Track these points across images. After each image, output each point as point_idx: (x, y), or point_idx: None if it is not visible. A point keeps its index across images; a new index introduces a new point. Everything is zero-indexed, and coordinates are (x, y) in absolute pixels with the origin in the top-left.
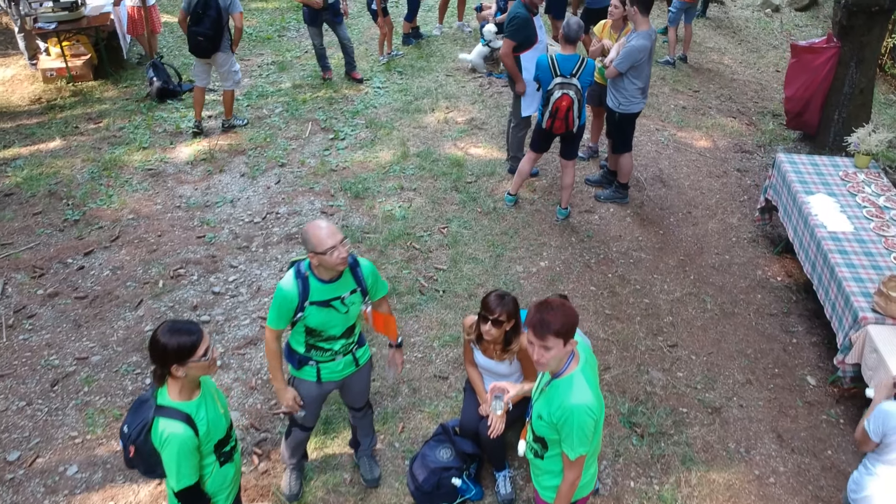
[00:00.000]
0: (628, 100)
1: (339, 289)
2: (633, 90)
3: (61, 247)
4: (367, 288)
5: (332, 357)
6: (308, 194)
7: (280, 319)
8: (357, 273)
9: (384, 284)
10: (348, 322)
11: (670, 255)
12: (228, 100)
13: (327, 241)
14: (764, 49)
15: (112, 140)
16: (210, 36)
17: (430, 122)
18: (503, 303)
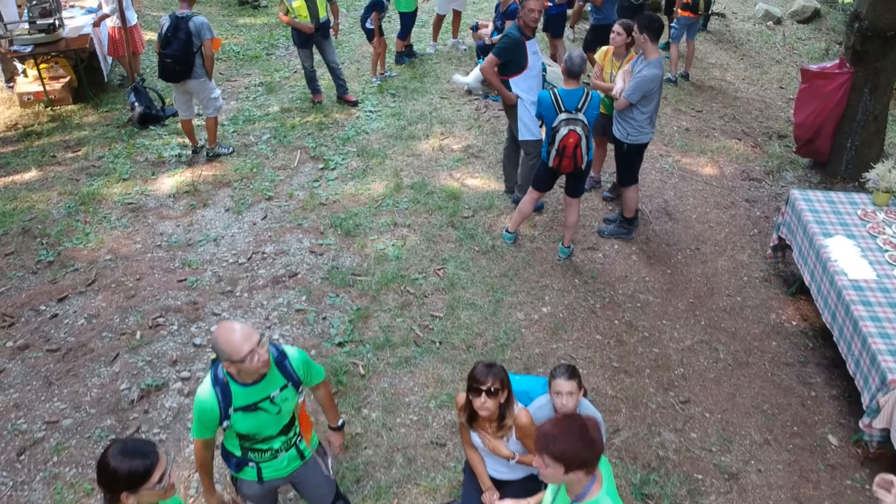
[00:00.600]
0: (637, 130)
1: (265, 389)
2: (642, 120)
3: (34, 292)
4: (299, 379)
5: (272, 456)
6: (296, 231)
7: (204, 430)
8: (286, 367)
9: (319, 370)
10: (283, 420)
11: (679, 297)
12: (211, 127)
13: (243, 346)
14: (767, 64)
15: (91, 170)
16: (177, 58)
17: (424, 150)
18: (493, 371)
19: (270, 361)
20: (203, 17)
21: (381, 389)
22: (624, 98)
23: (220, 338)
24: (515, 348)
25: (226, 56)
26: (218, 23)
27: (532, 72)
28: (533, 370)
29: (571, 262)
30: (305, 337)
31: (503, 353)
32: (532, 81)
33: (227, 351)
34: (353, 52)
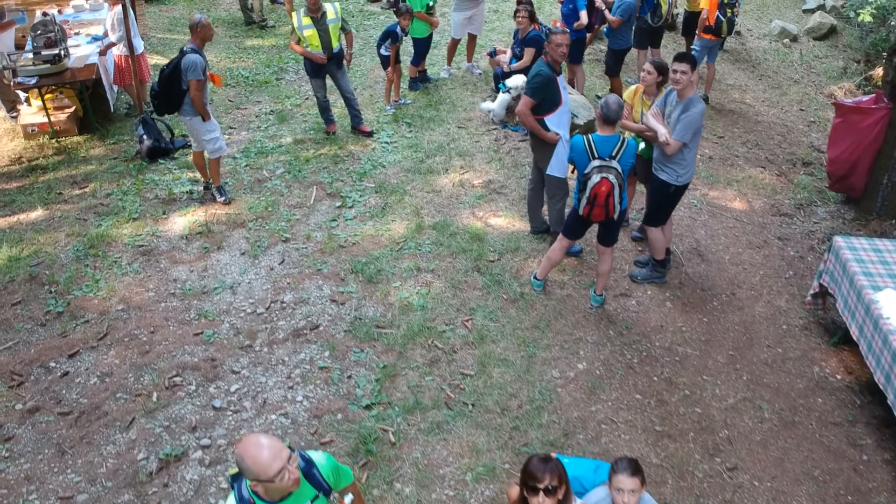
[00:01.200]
0: (686, 169)
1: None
2: (691, 158)
3: (43, 346)
4: (329, 487)
5: None
6: (315, 277)
7: None
8: (315, 476)
9: (347, 471)
10: None
11: (718, 349)
12: (212, 166)
13: (272, 465)
14: (785, 84)
15: (99, 209)
16: (157, 92)
17: (444, 185)
18: (549, 466)
19: (300, 477)
20: (196, 56)
21: (413, 460)
22: (677, 140)
23: (246, 455)
24: (552, 411)
25: (234, 81)
26: (225, 45)
27: (565, 107)
28: (572, 436)
29: (604, 311)
30: (330, 398)
31: (540, 417)
32: (565, 117)
33: (254, 470)
34: (364, 77)
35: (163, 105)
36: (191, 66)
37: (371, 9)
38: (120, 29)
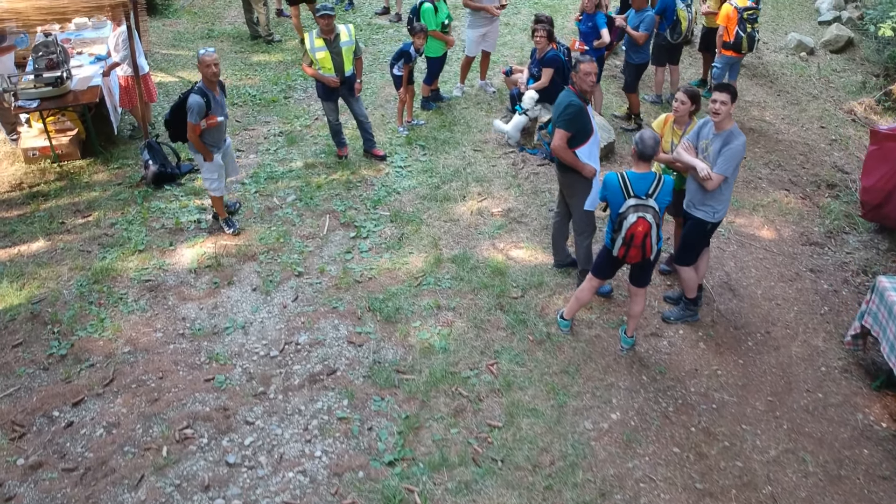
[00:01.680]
0: (724, 205)
1: None
2: (729, 193)
3: (46, 393)
4: None
5: None
6: (331, 315)
7: None
8: None
9: None
10: None
11: (756, 394)
12: (212, 201)
13: None
14: (804, 100)
15: (103, 240)
16: (167, 120)
17: (462, 214)
18: None
19: None
20: (196, 98)
21: None
22: (719, 175)
23: None
24: (587, 468)
25: (241, 100)
26: (231, 61)
27: (595, 138)
28: (609, 497)
29: (636, 353)
30: (351, 453)
31: (574, 475)
32: (595, 149)
33: None
34: (375, 96)
35: (173, 134)
36: (192, 108)
37: (379, 22)
38: (124, 49)
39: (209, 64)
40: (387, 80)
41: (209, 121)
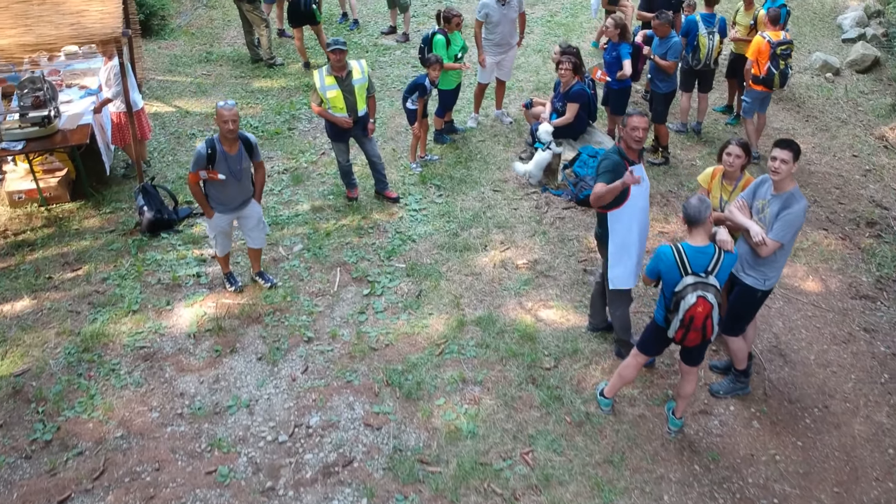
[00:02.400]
0: (776, 271)
1: None
2: (784, 259)
3: (28, 488)
4: None
5: None
6: (345, 391)
7: None
8: None
9: None
10: None
11: (819, 484)
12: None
13: None
14: (834, 126)
15: (94, 298)
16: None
17: (484, 266)
18: None
19: None
20: (201, 148)
21: None
22: (775, 241)
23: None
24: None
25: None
26: (231, 87)
27: (637, 202)
28: None
29: (685, 437)
30: None
31: None
32: (636, 215)
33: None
34: (385, 128)
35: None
36: (193, 157)
37: (385, 42)
38: (116, 84)
39: (226, 119)
40: (396, 109)
41: (210, 174)
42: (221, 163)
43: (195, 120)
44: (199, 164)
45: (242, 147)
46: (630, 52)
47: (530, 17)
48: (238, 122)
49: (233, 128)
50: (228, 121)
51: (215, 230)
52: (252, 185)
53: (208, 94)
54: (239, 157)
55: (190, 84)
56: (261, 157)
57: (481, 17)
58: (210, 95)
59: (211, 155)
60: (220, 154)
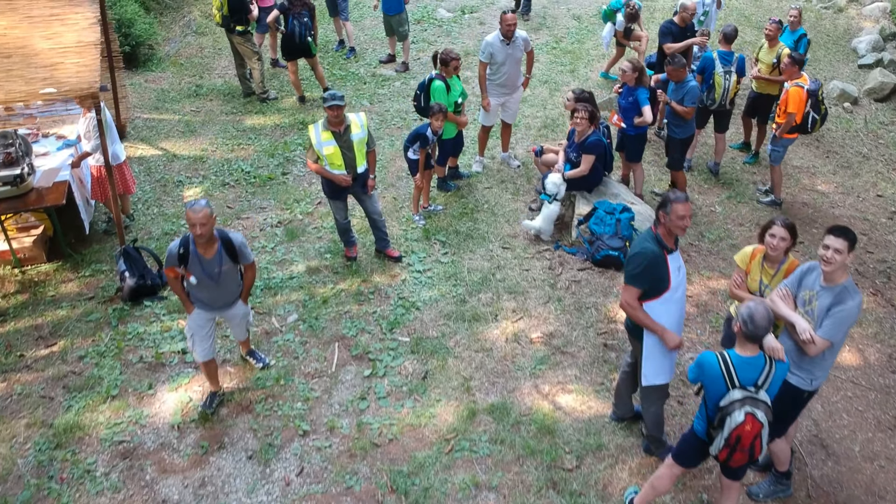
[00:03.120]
0: (825, 371)
1: None
2: (833, 358)
3: None
4: None
5: None
6: (345, 498)
7: None
8: None
9: None
10: None
11: None
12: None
13: None
14: (856, 162)
15: (70, 381)
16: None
17: (495, 340)
18: None
19: None
20: (172, 246)
21: None
22: (824, 340)
23: None
24: None
25: (234, 179)
26: (221, 126)
27: (675, 293)
28: None
29: None
30: None
31: None
32: (673, 307)
33: None
34: (385, 172)
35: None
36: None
37: (384, 72)
38: (96, 137)
39: (193, 223)
40: (396, 150)
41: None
42: (195, 265)
43: (182, 165)
44: (171, 263)
45: (222, 248)
46: (648, 96)
47: (534, 43)
48: (209, 224)
49: (201, 232)
50: (196, 225)
51: (193, 330)
52: (239, 286)
53: (197, 133)
54: (217, 259)
55: (178, 123)
56: (250, 259)
57: (485, 58)
58: (199, 135)
59: (183, 255)
60: (192, 255)
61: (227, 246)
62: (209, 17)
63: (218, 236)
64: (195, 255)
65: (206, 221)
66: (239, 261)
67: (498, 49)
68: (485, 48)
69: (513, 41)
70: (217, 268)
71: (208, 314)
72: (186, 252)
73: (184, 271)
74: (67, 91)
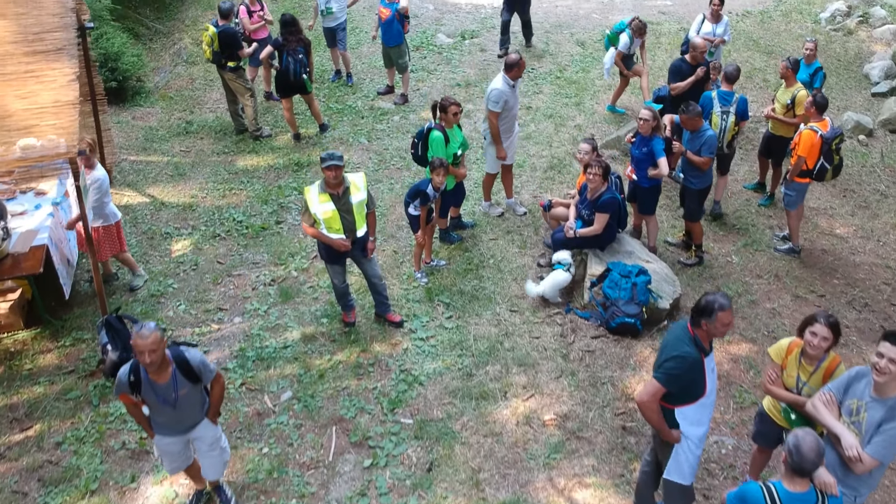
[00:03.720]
0: (870, 488)
1: None
2: (880, 476)
3: None
4: None
5: None
6: None
7: None
8: None
9: None
10: None
11: None
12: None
13: None
14: (874, 202)
15: (45, 472)
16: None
17: (505, 422)
18: None
19: None
20: (122, 373)
21: None
22: (873, 460)
23: None
24: None
25: (225, 230)
26: (212, 168)
27: (710, 397)
28: None
29: None
30: None
31: None
32: (708, 410)
33: None
34: (384, 220)
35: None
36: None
37: (382, 105)
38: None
39: (142, 352)
40: (396, 195)
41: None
42: (148, 392)
43: (171, 214)
44: (122, 391)
45: (177, 371)
46: (663, 147)
47: (537, 71)
48: (160, 350)
49: (151, 360)
50: (144, 353)
51: (160, 448)
52: (205, 403)
53: (187, 177)
54: (172, 384)
55: (166, 165)
56: (213, 373)
57: (500, 108)
58: (189, 179)
59: (134, 383)
60: (144, 382)
61: (182, 368)
62: (200, 44)
63: (171, 358)
64: (147, 382)
65: (155, 348)
66: (201, 380)
67: (509, 95)
68: (498, 98)
69: (517, 83)
70: (173, 393)
71: (173, 438)
72: (138, 378)
73: (138, 399)
74: (42, 157)
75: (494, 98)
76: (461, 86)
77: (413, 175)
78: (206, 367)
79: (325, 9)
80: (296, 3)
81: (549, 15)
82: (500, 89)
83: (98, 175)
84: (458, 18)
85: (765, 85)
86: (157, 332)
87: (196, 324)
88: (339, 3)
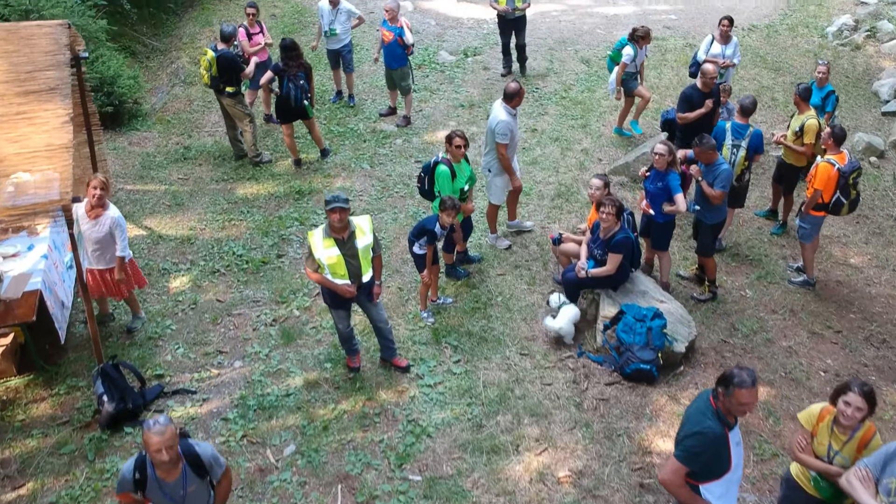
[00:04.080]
0: None
1: None
2: None
3: None
4: None
5: None
6: None
7: None
8: None
9: None
10: None
11: None
12: None
13: None
14: (888, 227)
15: None
16: None
17: (518, 479)
18: None
19: None
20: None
21: None
22: None
23: None
24: None
25: (224, 265)
26: (211, 197)
27: (735, 473)
28: None
29: None
30: None
31: None
32: (734, 486)
33: None
34: (388, 252)
35: None
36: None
37: (384, 127)
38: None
39: (158, 449)
40: (400, 226)
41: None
42: (154, 491)
43: (169, 248)
44: (125, 489)
45: (187, 468)
46: (680, 182)
47: (541, 91)
48: (175, 447)
49: (168, 457)
50: (161, 450)
51: None
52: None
53: (185, 207)
54: (181, 482)
55: (164, 194)
56: (223, 467)
57: (507, 139)
58: (187, 209)
59: (139, 480)
60: (151, 480)
61: (193, 463)
62: (198, 64)
63: (182, 453)
64: (154, 480)
65: (172, 444)
66: (210, 476)
67: (513, 125)
68: (504, 129)
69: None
70: (182, 490)
71: None
72: (144, 476)
73: (141, 498)
74: (34, 206)
75: (501, 131)
76: (464, 106)
77: (417, 203)
78: (217, 462)
79: (328, 30)
80: (295, 20)
81: (552, 31)
82: (506, 121)
83: (112, 215)
84: (461, 34)
85: (773, 104)
86: (172, 426)
87: (195, 368)
88: (342, 25)
